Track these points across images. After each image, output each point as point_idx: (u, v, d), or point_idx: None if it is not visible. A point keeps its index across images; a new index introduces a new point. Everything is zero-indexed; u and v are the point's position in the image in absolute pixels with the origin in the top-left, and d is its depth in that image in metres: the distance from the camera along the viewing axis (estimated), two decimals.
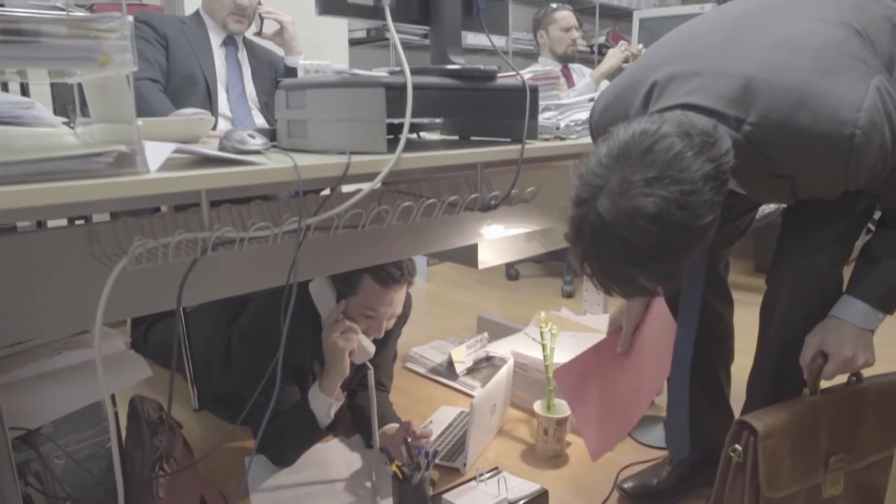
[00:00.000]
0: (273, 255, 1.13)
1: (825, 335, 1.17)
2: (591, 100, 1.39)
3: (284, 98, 1.11)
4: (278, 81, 1.20)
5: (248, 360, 1.64)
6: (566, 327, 2.21)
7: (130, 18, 0.77)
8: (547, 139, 1.41)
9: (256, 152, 0.98)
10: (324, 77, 1.10)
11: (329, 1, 1.08)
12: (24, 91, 1.70)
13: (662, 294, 1.43)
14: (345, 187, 1.15)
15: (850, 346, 1.14)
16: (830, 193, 1.04)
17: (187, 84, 2.03)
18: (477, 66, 1.16)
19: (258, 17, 2.18)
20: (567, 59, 3.15)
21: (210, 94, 2.06)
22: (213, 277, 1.11)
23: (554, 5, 3.17)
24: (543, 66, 2.98)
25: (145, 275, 1.00)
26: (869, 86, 0.93)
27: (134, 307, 1.07)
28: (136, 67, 0.77)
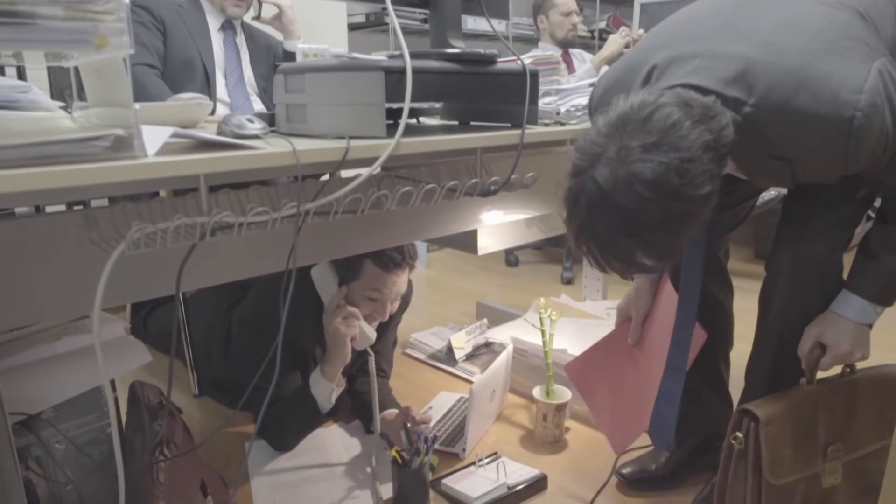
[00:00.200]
0: (272, 240, 1.12)
1: (824, 328, 1.17)
2: (592, 85, 1.38)
3: (283, 82, 1.10)
4: (277, 66, 1.19)
5: (249, 346, 1.65)
6: (565, 313, 2.21)
7: (127, 0, 0.77)
8: (547, 124, 1.40)
9: (255, 137, 0.97)
10: (323, 61, 1.09)
11: None
12: (20, 76, 1.69)
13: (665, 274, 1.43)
14: (344, 172, 1.15)
15: (847, 341, 1.16)
16: (829, 177, 1.03)
17: (185, 69, 2.02)
18: (477, 50, 1.15)
19: (256, 1, 2.16)
20: (567, 45, 3.13)
21: (208, 79, 2.05)
22: (212, 262, 1.11)
23: None
24: (543, 52, 2.96)
25: (144, 260, 1.00)
26: (871, 68, 0.93)
27: (133, 292, 1.07)
28: (132, 50, 0.77)
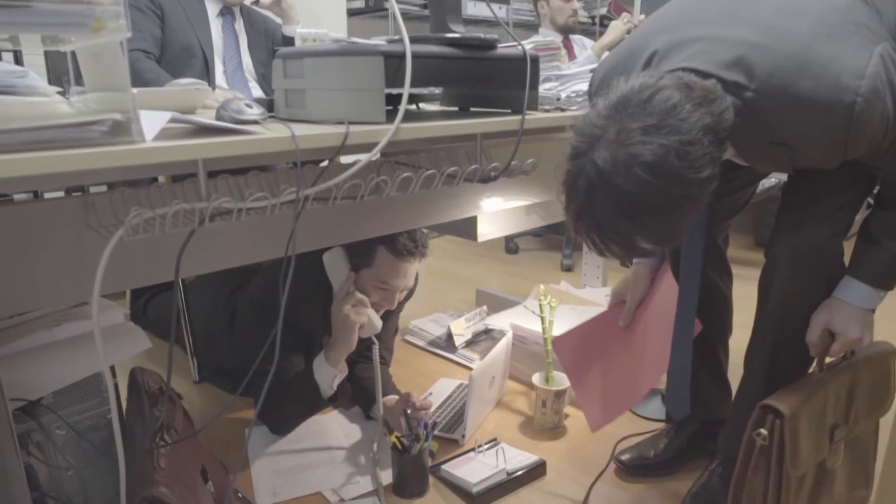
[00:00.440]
0: (271, 225, 1.12)
1: (831, 315, 1.18)
2: (592, 70, 1.37)
3: (282, 67, 1.10)
4: (275, 51, 1.18)
5: (256, 328, 1.64)
6: (565, 300, 2.22)
7: None
8: (547, 110, 1.39)
9: (254, 122, 0.97)
10: (322, 46, 1.08)
11: None
12: (17, 61, 1.68)
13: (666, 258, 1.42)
14: (343, 158, 1.14)
15: (857, 328, 1.16)
16: (829, 162, 1.03)
17: (184, 55, 2.01)
18: (477, 35, 1.14)
19: None
20: (568, 30, 3.11)
21: (207, 65, 2.04)
22: (211, 248, 1.11)
23: None
24: (544, 38, 2.94)
25: (143, 246, 0.99)
26: (873, 53, 0.92)
27: (132, 278, 1.06)
28: (129, 34, 0.76)
